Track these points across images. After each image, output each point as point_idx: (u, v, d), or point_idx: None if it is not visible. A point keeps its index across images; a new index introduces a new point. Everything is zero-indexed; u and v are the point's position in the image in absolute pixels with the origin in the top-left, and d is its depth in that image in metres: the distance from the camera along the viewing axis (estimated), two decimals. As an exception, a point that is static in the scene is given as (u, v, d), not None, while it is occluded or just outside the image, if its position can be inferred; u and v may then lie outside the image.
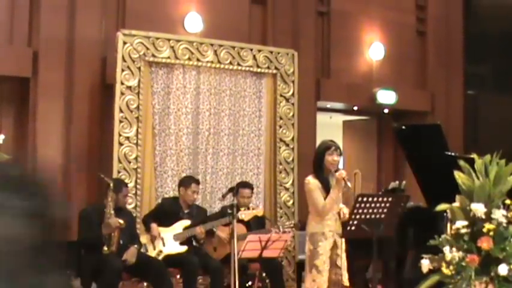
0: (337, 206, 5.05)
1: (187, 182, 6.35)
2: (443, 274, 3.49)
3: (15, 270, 0.93)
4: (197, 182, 6.40)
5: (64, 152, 7.27)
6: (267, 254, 5.73)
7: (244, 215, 6.12)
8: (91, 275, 5.63)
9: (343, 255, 5.11)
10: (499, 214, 3.55)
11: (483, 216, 3.54)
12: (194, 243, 6.48)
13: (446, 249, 3.54)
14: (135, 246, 5.83)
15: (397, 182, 6.87)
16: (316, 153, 5.15)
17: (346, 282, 5.09)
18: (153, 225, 6.17)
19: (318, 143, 8.42)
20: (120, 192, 5.82)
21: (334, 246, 5.06)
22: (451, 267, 3.46)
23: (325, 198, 5.02)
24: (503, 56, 9.69)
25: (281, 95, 7.70)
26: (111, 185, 5.68)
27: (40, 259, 0.95)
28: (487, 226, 3.50)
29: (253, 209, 6.43)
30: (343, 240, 5.10)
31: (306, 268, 5.06)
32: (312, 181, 5.00)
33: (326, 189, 5.04)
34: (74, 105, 7.28)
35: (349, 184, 5.10)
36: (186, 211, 6.36)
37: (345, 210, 5.07)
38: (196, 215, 6.37)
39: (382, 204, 4.83)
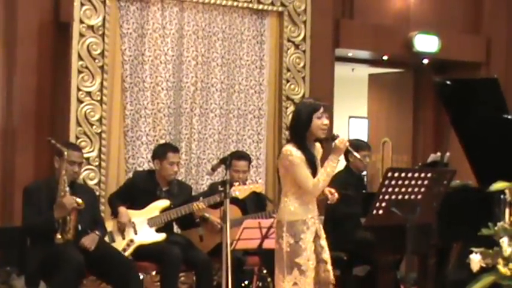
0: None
1: (161, 152, 6.32)
2: (500, 274, 3.49)
3: None
4: (175, 150, 6.39)
5: (4, 111, 7.26)
6: (269, 244, 5.69)
7: (239, 191, 6.14)
8: (40, 271, 5.57)
9: (326, 246, 4.99)
10: None
11: (554, 198, 3.51)
12: (176, 229, 6.47)
13: (503, 241, 3.53)
14: (97, 232, 5.82)
15: (438, 154, 6.88)
16: (297, 116, 4.95)
17: (333, 279, 5.00)
18: (122, 209, 6.19)
19: (336, 101, 8.43)
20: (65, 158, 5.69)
21: (316, 236, 4.97)
22: (511, 265, 3.43)
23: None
24: None
25: (289, 40, 7.75)
26: (66, 153, 5.61)
27: None
28: (559, 211, 3.47)
29: (250, 184, 6.42)
30: (321, 226, 4.99)
31: (283, 269, 4.87)
32: (295, 153, 4.86)
33: (311, 164, 4.90)
34: (17, 50, 7.22)
35: (356, 154, 5.05)
36: (164, 189, 6.40)
37: (333, 190, 4.97)
38: (177, 194, 6.39)
39: (419, 182, 4.90)
